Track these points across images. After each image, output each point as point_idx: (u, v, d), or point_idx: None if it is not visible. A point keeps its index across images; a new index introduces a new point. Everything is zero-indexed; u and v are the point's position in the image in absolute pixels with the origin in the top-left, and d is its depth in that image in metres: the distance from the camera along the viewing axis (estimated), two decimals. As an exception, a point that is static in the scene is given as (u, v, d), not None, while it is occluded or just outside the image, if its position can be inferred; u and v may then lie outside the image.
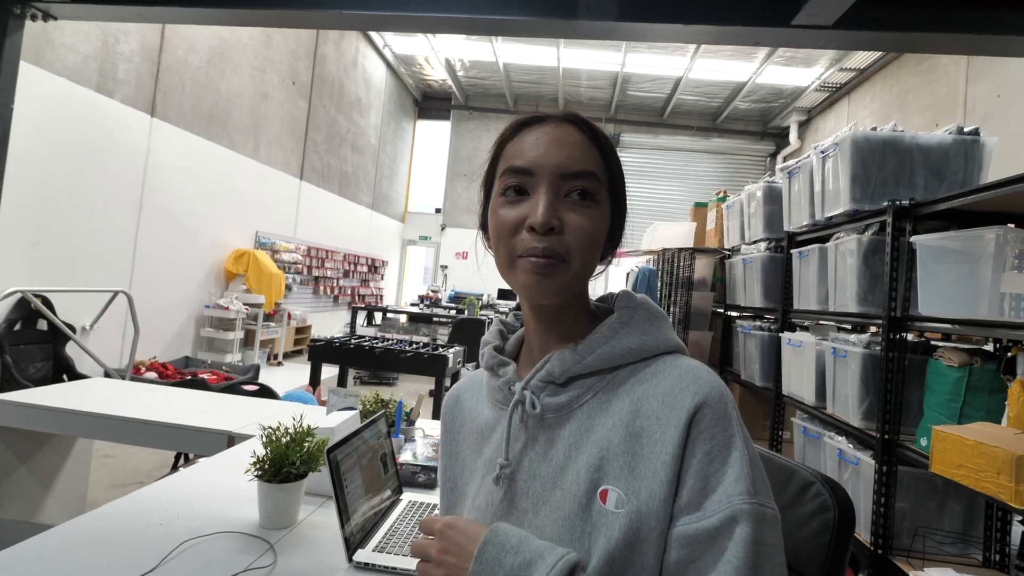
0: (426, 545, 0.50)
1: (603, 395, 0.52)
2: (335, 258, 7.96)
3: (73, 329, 3.42)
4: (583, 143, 0.54)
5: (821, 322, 2.59)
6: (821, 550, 0.58)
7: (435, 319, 6.66)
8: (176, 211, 4.77)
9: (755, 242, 2.89)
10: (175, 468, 2.45)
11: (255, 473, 1.01)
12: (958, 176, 1.80)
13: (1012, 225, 1.61)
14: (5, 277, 3.08)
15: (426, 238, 11.09)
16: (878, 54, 6.80)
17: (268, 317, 6.06)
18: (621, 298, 0.58)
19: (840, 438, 1.82)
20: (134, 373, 3.71)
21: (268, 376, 5.32)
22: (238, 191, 5.66)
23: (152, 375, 3.83)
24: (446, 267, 10.86)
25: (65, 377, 3.39)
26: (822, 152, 2.08)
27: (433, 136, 11.38)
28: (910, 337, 1.67)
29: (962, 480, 1.20)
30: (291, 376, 5.52)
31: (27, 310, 3.21)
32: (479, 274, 9.26)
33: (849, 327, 2.34)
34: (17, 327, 3.20)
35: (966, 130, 1.85)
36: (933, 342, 1.74)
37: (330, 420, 1.28)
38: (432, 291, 8.64)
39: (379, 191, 9.75)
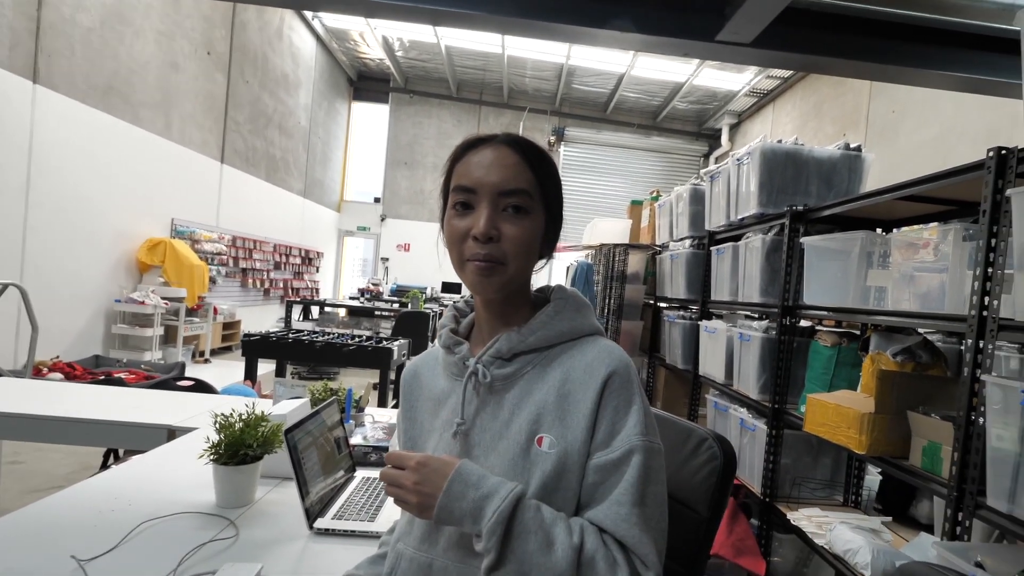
0: (400, 476, 0.61)
1: (540, 367, 0.67)
2: (264, 249, 7.60)
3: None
4: (518, 164, 0.66)
5: (736, 311, 2.88)
6: (710, 490, 0.77)
7: (377, 312, 6.57)
8: (72, 195, 4.31)
9: (682, 239, 3.16)
10: (105, 467, 2.33)
11: (210, 457, 1.05)
12: (843, 186, 2.10)
13: (880, 230, 1.92)
14: None
15: (365, 228, 10.81)
16: (797, 65, 7.48)
17: (191, 312, 5.72)
18: (556, 291, 0.74)
19: (743, 409, 2.09)
20: (34, 374, 3.38)
21: (196, 373, 5.00)
22: (148, 174, 5.20)
23: (57, 376, 3.49)
24: (387, 259, 10.67)
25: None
26: (738, 160, 2.34)
27: (370, 120, 10.97)
28: (803, 323, 1.95)
29: (824, 435, 1.46)
30: (221, 373, 5.26)
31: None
32: (440, 269, 9.05)
33: (756, 315, 2.64)
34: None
35: (852, 146, 2.15)
36: (817, 327, 2.04)
37: (282, 407, 1.32)
38: (373, 284, 8.48)
39: (312, 177, 9.36)
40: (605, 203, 10.31)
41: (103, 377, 3.47)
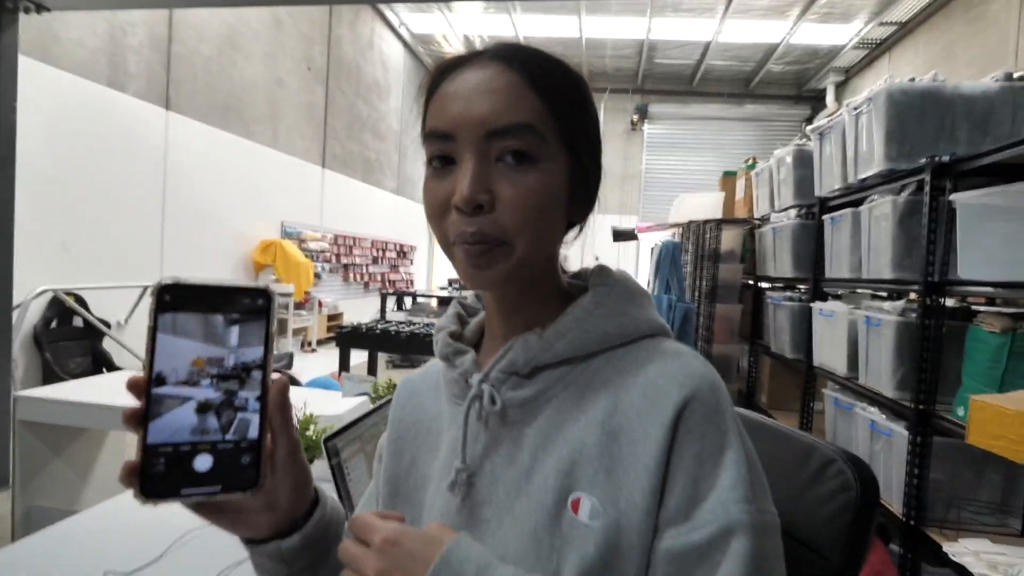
0: (359, 558, 0.40)
1: (575, 388, 0.45)
2: (363, 245, 8.06)
3: (108, 324, 3.55)
4: (513, 86, 0.43)
5: (856, 290, 2.46)
6: (843, 529, 0.55)
7: (462, 302, 6.69)
8: (199, 205, 4.80)
9: (785, 209, 2.76)
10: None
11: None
12: (1004, 128, 1.64)
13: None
14: (36, 277, 3.06)
15: (451, 221, 11.09)
16: (922, 4, 6.28)
17: (299, 305, 6.22)
18: (596, 274, 0.50)
19: (873, 409, 1.74)
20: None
21: (302, 362, 5.49)
22: (260, 182, 5.70)
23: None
24: (474, 249, 10.86)
25: (104, 370, 3.51)
26: (855, 109, 1.93)
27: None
28: (949, 303, 1.55)
29: (1002, 452, 1.11)
30: (324, 362, 5.67)
31: (61, 308, 3.33)
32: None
33: (884, 295, 2.21)
34: (53, 324, 3.34)
35: (1015, 76, 1.67)
36: (974, 307, 1.62)
37: (338, 407, 1.29)
38: (459, 274, 8.69)
39: (404, 175, 9.77)
40: (694, 180, 9.58)
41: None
